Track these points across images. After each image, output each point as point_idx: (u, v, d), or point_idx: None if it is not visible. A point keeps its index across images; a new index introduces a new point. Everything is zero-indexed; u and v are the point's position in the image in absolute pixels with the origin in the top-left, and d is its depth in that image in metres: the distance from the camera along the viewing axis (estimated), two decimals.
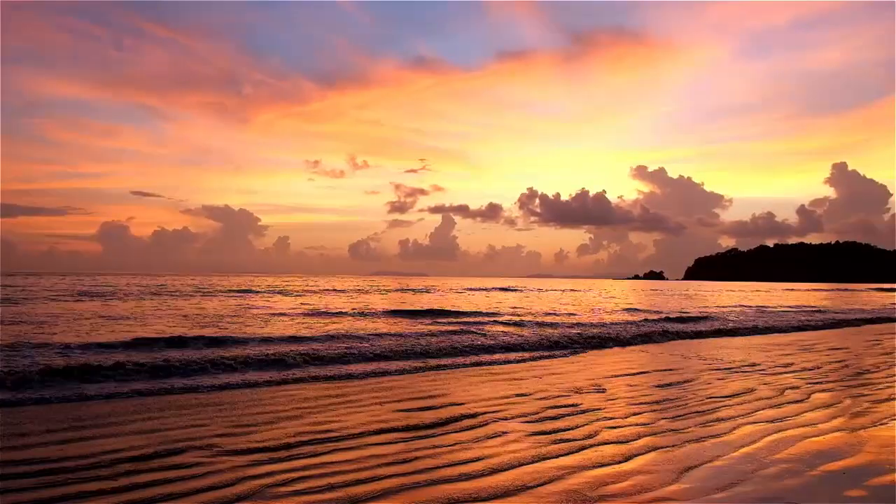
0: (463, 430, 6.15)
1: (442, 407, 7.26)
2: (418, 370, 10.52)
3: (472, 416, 6.75)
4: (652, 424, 6.44)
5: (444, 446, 5.51)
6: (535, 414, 6.90)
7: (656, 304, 35.41)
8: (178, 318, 20.06)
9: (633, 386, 8.95)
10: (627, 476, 4.66)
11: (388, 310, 25.35)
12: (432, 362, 11.49)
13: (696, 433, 6.04)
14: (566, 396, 7.99)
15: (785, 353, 13.48)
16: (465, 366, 11.23)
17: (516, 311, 25.64)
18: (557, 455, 5.24)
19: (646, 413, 7.03)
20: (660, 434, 6.01)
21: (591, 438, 5.82)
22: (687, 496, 4.23)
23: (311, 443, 5.61)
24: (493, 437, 5.84)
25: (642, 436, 5.93)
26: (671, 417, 6.78)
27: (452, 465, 4.91)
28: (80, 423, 6.41)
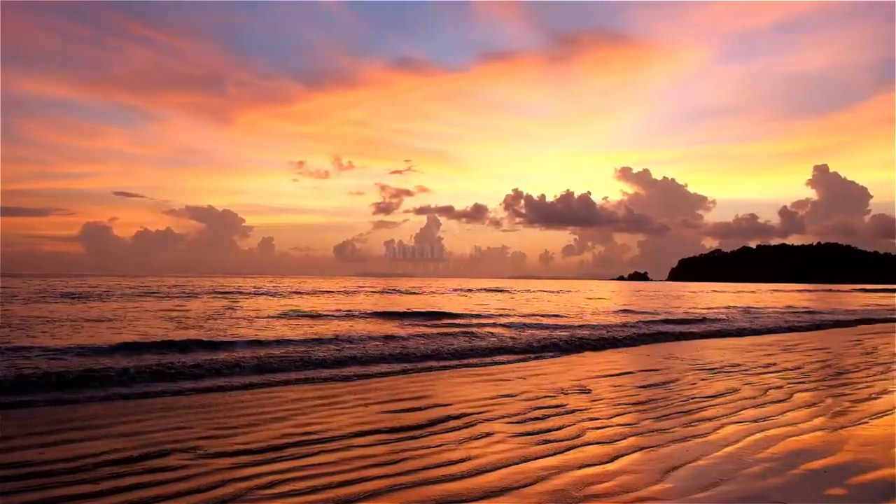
0: (448, 431, 6.16)
1: (427, 408, 7.26)
2: (404, 372, 10.51)
3: (457, 417, 6.76)
4: (636, 425, 6.49)
5: (429, 447, 5.52)
6: (520, 415, 6.92)
7: (641, 304, 35.63)
8: (161, 319, 19.86)
9: (617, 386, 9.01)
10: (612, 476, 4.70)
11: (374, 311, 25.28)
12: (418, 364, 11.48)
13: (681, 433, 6.10)
14: (551, 397, 8.03)
15: (767, 353, 13.64)
16: (451, 367, 11.24)
17: (502, 313, 25.68)
18: (543, 455, 5.27)
19: (630, 413, 7.09)
20: (644, 434, 6.06)
21: (576, 439, 5.86)
22: (671, 496, 4.27)
23: (297, 445, 5.58)
24: (478, 438, 5.85)
25: (627, 436, 5.98)
26: (655, 417, 6.83)
27: (438, 466, 4.92)
28: (62, 426, 6.33)
